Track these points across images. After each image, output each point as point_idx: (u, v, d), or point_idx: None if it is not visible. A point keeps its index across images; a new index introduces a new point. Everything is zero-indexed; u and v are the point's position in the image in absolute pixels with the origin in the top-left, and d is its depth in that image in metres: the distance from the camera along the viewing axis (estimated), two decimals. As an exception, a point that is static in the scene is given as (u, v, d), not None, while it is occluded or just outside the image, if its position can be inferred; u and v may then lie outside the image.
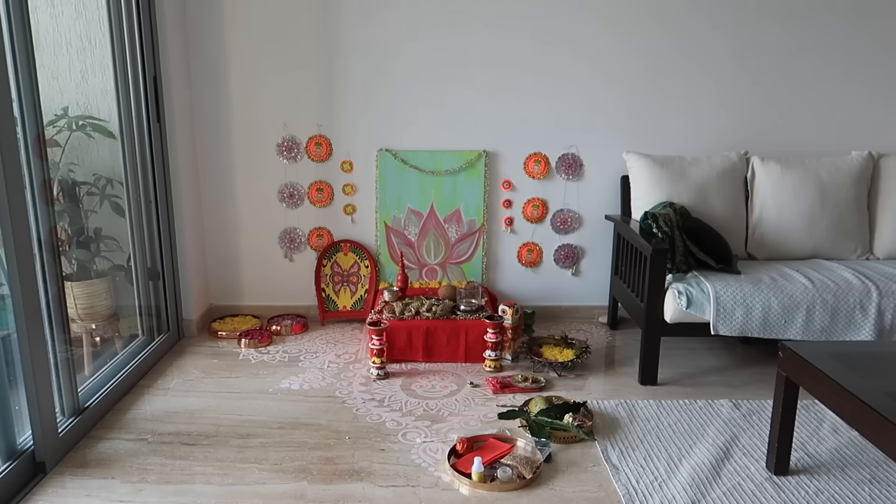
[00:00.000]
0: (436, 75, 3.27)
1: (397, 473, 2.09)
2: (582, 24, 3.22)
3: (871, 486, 2.04)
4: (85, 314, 2.69)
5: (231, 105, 3.29)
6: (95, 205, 2.74)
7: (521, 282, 3.55)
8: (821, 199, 3.04)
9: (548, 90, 3.29)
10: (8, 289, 1.94)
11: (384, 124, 3.33)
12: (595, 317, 3.59)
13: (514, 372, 2.85)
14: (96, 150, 2.74)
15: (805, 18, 3.22)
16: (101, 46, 2.69)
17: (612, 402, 2.58)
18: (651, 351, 2.73)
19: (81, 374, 2.54)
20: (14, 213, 1.89)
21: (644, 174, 3.12)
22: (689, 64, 3.27)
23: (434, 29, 3.22)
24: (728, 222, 3.06)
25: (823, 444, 2.28)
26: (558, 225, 3.48)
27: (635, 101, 3.31)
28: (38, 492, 1.98)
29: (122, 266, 2.90)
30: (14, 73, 1.97)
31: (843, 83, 3.31)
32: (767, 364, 2.97)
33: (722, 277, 2.69)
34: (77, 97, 2.67)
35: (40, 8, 2.44)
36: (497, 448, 2.18)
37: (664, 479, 2.07)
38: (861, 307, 2.57)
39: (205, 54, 3.22)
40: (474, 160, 3.38)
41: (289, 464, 2.13)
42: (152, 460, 2.15)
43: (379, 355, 2.79)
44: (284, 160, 3.36)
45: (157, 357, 2.96)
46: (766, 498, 1.97)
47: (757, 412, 2.51)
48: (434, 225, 3.46)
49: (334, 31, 3.22)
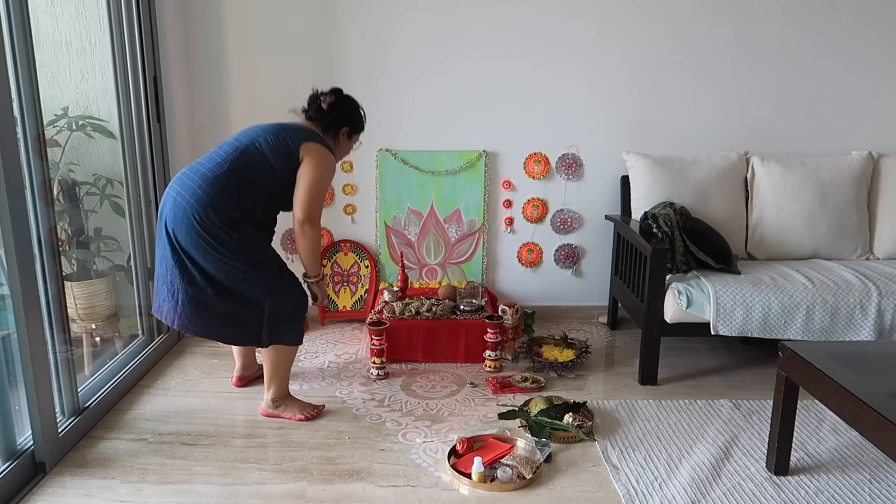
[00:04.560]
0: (436, 75, 3.27)
1: (397, 473, 2.09)
2: (582, 23, 3.22)
3: (871, 486, 2.04)
4: (85, 314, 2.69)
5: (231, 105, 3.29)
6: (95, 205, 2.74)
7: (521, 282, 3.55)
8: (821, 199, 3.04)
9: (548, 90, 3.29)
10: (8, 289, 1.94)
11: (384, 124, 3.33)
12: (595, 317, 3.59)
13: (514, 372, 2.85)
14: (96, 150, 2.74)
15: (805, 18, 3.22)
16: (101, 46, 2.69)
17: (612, 402, 2.58)
18: (651, 351, 2.73)
19: (81, 374, 2.54)
20: (14, 213, 1.89)
21: (644, 174, 3.12)
22: (690, 64, 3.27)
23: (434, 29, 3.22)
24: (728, 222, 3.06)
25: (823, 444, 2.28)
26: (558, 225, 3.48)
27: (635, 101, 3.31)
28: (38, 492, 1.98)
29: (122, 266, 2.90)
30: (14, 73, 1.97)
31: (843, 83, 3.30)
32: (767, 364, 2.97)
33: (722, 277, 2.69)
34: (77, 97, 2.67)
35: (40, 8, 2.44)
36: (497, 448, 2.18)
37: (664, 479, 2.07)
38: (861, 307, 2.57)
39: (205, 54, 3.22)
40: (474, 160, 3.38)
41: (289, 464, 2.13)
42: (152, 460, 2.15)
43: (379, 355, 2.79)
44: (284, 160, 3.36)
45: (157, 357, 2.96)
46: (766, 498, 1.97)
47: (757, 412, 2.51)
48: (434, 225, 3.46)
49: (334, 31, 3.22)
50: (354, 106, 2.46)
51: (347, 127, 2.42)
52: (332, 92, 2.41)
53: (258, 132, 2.28)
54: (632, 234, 2.92)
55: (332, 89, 2.43)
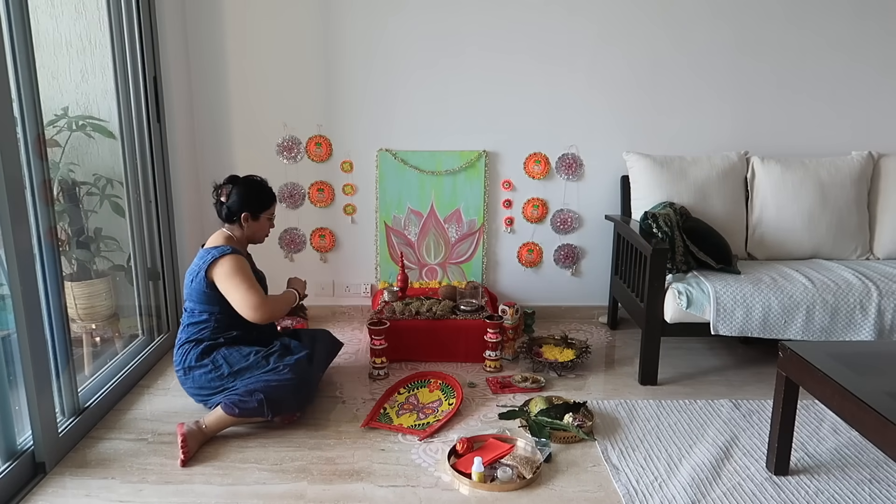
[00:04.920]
0: (436, 75, 3.27)
1: (397, 473, 2.09)
2: (582, 24, 3.22)
3: (871, 486, 2.04)
4: (85, 314, 2.69)
5: (231, 105, 3.29)
6: (95, 205, 2.74)
7: (521, 282, 3.55)
8: (821, 199, 3.04)
9: (548, 90, 3.29)
10: (8, 289, 1.94)
11: (384, 124, 3.33)
12: (595, 317, 3.59)
13: (514, 372, 2.85)
14: (96, 150, 2.74)
15: (805, 18, 3.22)
16: (101, 46, 2.69)
17: (612, 402, 2.58)
18: (651, 351, 2.73)
19: (81, 374, 2.54)
20: (14, 213, 1.89)
21: (644, 174, 3.12)
22: (690, 64, 3.27)
23: (435, 29, 3.22)
24: (728, 222, 3.06)
25: (823, 444, 2.28)
26: (558, 225, 3.48)
27: (635, 100, 3.31)
28: (38, 492, 1.98)
29: (122, 266, 2.90)
30: (14, 73, 1.97)
31: (843, 83, 3.30)
32: (767, 364, 2.97)
33: (722, 277, 2.69)
34: (77, 97, 2.67)
35: (40, 8, 2.44)
36: (497, 448, 2.18)
37: (664, 479, 2.07)
38: (861, 307, 2.57)
39: (205, 54, 3.22)
40: (474, 160, 3.37)
41: (289, 464, 2.13)
42: (152, 460, 2.15)
43: (379, 355, 2.79)
44: (285, 160, 3.36)
45: (157, 357, 2.96)
46: (766, 498, 1.97)
47: (757, 412, 2.51)
48: (434, 225, 3.46)
49: (334, 31, 3.22)
50: (248, 188, 2.49)
51: (247, 212, 2.48)
52: (226, 182, 2.50)
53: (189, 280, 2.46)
54: (632, 234, 2.92)
55: (226, 179, 2.51)
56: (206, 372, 2.38)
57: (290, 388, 2.30)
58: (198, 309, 2.43)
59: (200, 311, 2.43)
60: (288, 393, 2.29)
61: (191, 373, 2.40)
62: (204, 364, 2.38)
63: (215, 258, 2.38)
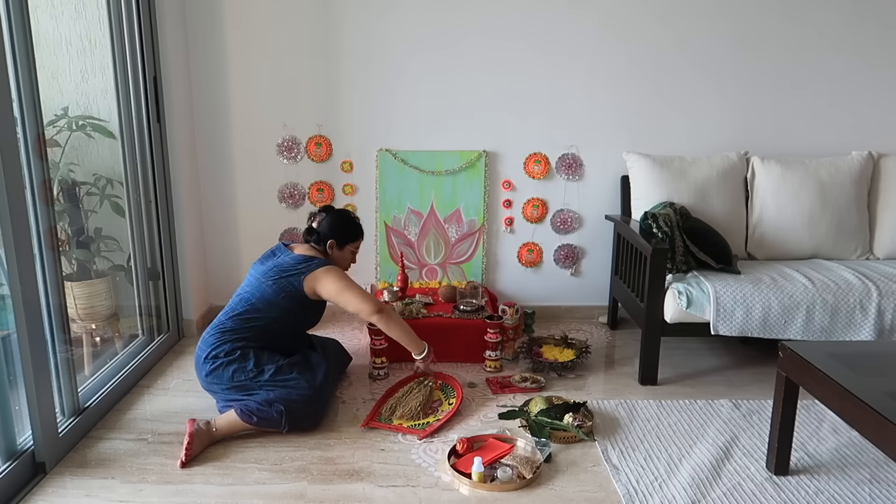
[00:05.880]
0: (436, 75, 3.27)
1: (397, 473, 2.09)
2: (581, 23, 3.22)
3: (871, 486, 2.04)
4: (85, 314, 2.69)
5: (231, 105, 3.29)
6: (95, 205, 2.74)
7: (521, 282, 3.55)
8: (821, 199, 3.04)
9: (548, 90, 3.29)
10: (8, 289, 1.94)
11: (384, 124, 3.33)
12: (595, 317, 3.59)
13: (514, 372, 2.85)
14: (96, 150, 2.74)
15: (805, 18, 3.22)
16: (101, 46, 2.69)
17: (612, 402, 2.58)
18: (651, 351, 2.73)
19: (81, 374, 2.54)
20: (14, 213, 1.89)
21: (644, 174, 3.12)
22: (690, 63, 3.27)
23: (434, 28, 3.22)
24: (728, 222, 3.06)
25: (823, 444, 2.28)
26: (558, 225, 3.48)
27: (635, 100, 3.31)
28: (38, 492, 1.98)
29: (122, 266, 2.90)
30: (14, 73, 1.97)
31: (843, 83, 3.30)
32: (767, 364, 2.97)
33: (722, 277, 2.69)
34: (77, 97, 2.67)
35: (40, 8, 2.44)
36: (497, 448, 2.18)
37: (664, 479, 2.07)
38: (861, 307, 2.57)
39: (205, 54, 3.22)
40: (474, 160, 3.37)
41: (289, 464, 2.13)
42: (152, 460, 2.15)
43: (379, 355, 2.79)
44: (285, 160, 3.36)
45: (157, 357, 2.96)
46: (766, 498, 1.97)
47: (757, 412, 2.51)
48: (434, 225, 3.46)
49: (334, 31, 3.22)
50: (341, 219, 2.60)
51: (333, 240, 2.54)
52: (321, 210, 2.62)
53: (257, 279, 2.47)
54: (632, 234, 2.92)
55: (321, 207, 2.65)
56: (230, 362, 2.33)
57: (310, 404, 2.33)
58: (258, 305, 2.41)
59: (258, 309, 2.41)
60: (308, 408, 2.32)
61: (216, 361, 2.35)
62: (233, 356, 2.35)
63: (317, 267, 2.41)
